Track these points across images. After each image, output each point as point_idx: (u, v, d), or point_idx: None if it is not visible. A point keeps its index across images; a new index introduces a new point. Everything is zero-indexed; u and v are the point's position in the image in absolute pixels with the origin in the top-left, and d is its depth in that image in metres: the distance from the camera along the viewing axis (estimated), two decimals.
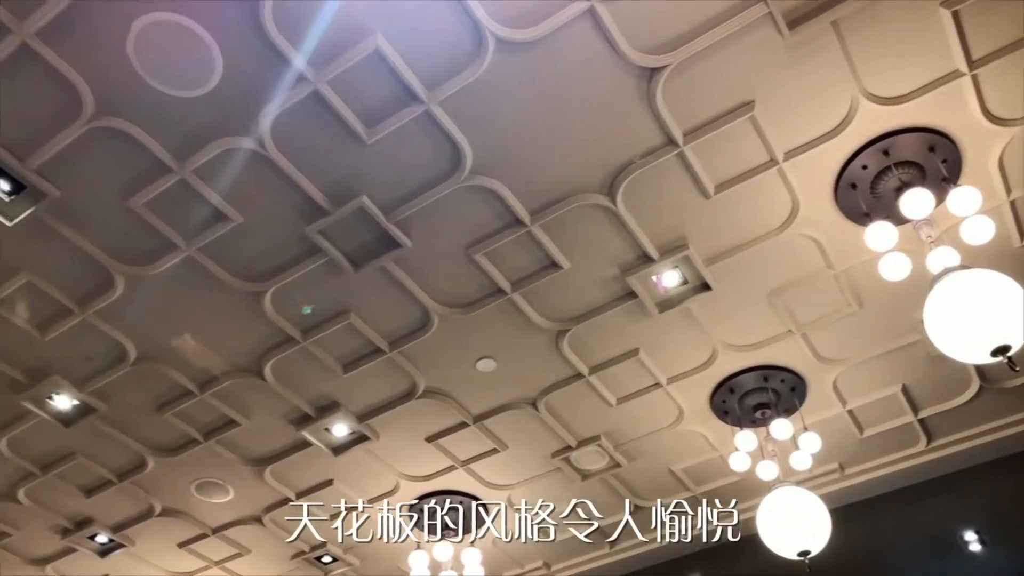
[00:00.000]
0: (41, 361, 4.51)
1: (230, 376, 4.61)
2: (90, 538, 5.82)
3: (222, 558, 6.12)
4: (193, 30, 3.16)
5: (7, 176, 3.59)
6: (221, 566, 6.19)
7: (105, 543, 5.87)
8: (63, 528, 5.76)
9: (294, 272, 4.05)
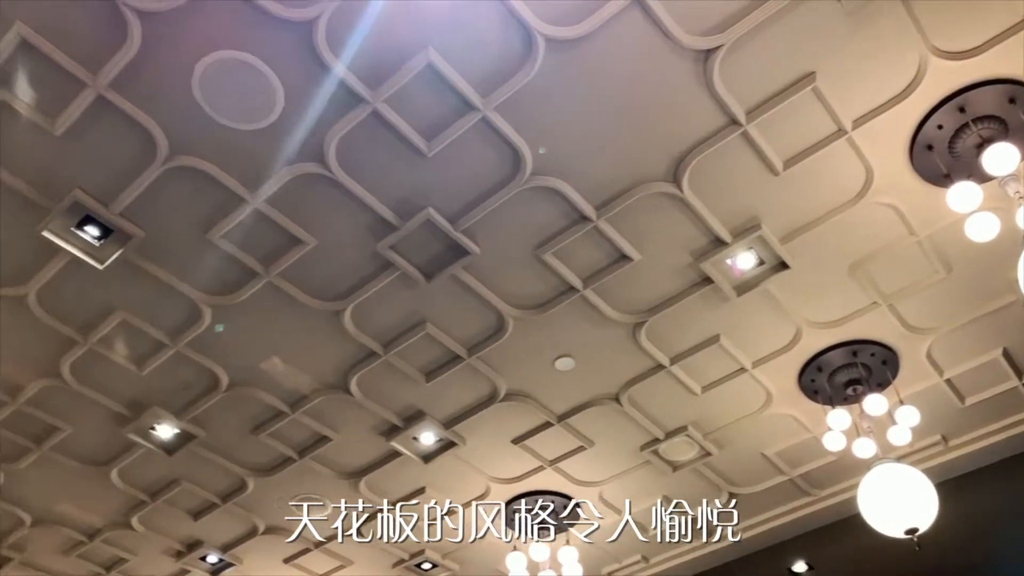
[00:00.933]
0: (141, 394, 4.74)
1: (319, 394, 4.75)
2: (201, 559, 6.07)
3: (326, 571, 6.29)
4: (253, 64, 3.27)
5: (95, 222, 3.78)
6: None
7: (216, 563, 6.12)
8: (176, 551, 6.03)
9: (370, 288, 4.14)
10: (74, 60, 3.24)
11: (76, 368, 4.55)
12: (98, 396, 4.73)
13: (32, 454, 5.11)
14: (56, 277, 4.06)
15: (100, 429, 4.95)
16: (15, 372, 4.59)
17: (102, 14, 3.11)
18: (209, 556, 6.05)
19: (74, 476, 5.32)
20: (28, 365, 4.55)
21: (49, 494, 5.45)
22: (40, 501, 5.51)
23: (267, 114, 3.43)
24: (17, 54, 3.22)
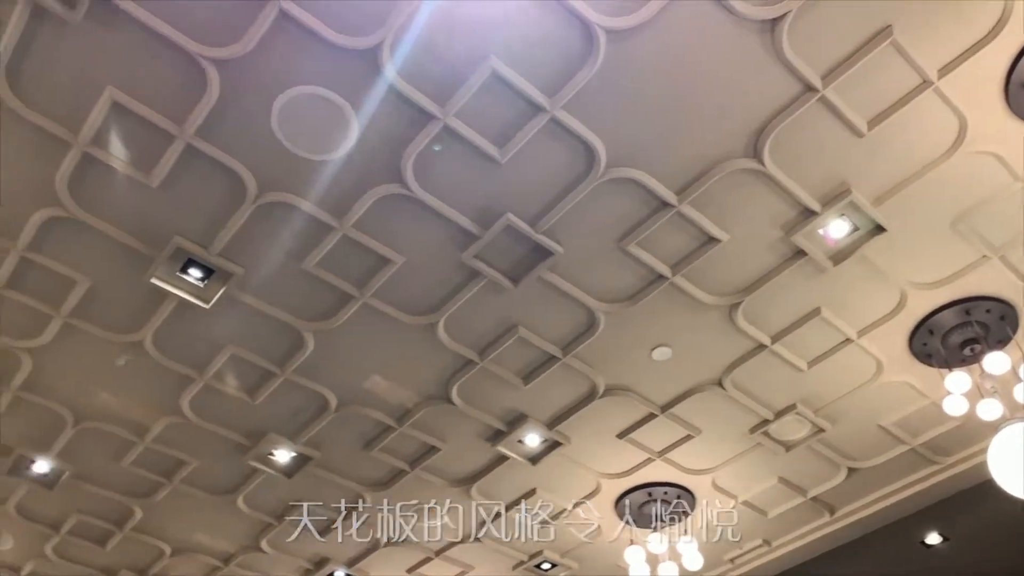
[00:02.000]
0: (257, 422, 4.96)
1: (422, 406, 4.85)
2: (330, 575, 6.29)
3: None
4: (325, 96, 3.38)
5: (197, 265, 3.99)
6: None
7: None
8: (305, 569, 6.28)
9: (460, 298, 4.21)
10: (161, 114, 3.43)
11: (195, 404, 4.81)
12: (218, 428, 4.98)
13: (165, 488, 5.42)
14: (167, 320, 4.31)
15: (223, 459, 5.21)
16: (141, 413, 4.89)
17: (182, 67, 3.28)
18: (336, 572, 6.27)
19: (204, 506, 5.61)
20: (151, 405, 4.83)
21: (184, 524, 5.77)
22: (176, 532, 5.85)
23: (344, 142, 3.54)
24: (110, 116, 3.43)
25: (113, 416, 4.92)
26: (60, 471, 5.26)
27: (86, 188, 3.70)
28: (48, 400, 4.79)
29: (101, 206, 3.77)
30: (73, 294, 4.16)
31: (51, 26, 3.16)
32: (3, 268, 4.02)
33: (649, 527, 5.62)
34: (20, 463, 5.20)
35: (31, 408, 4.84)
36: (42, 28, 3.17)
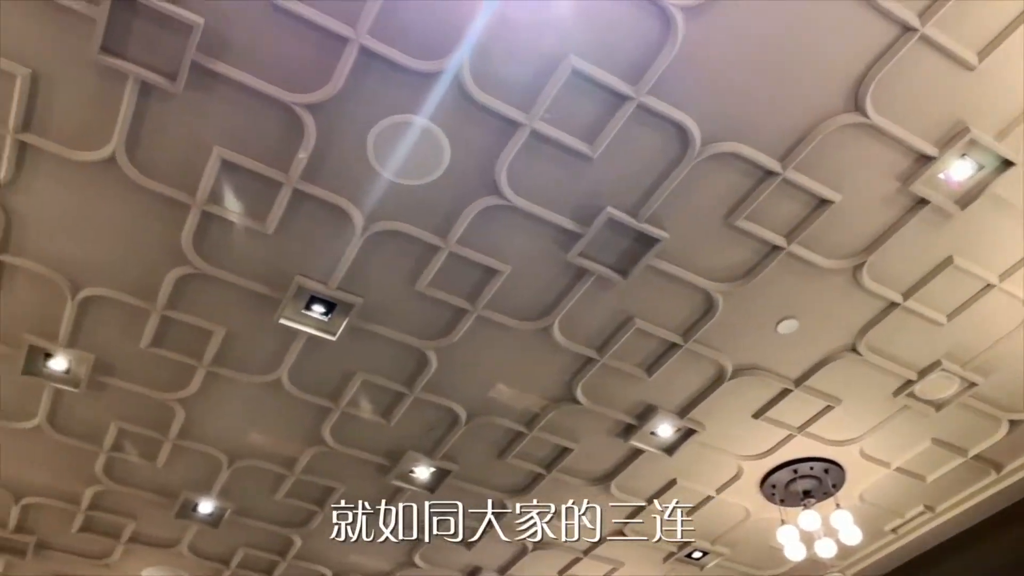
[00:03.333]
0: (394, 443, 5.13)
1: (549, 409, 4.88)
2: None
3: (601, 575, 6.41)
4: (415, 123, 3.47)
5: (320, 301, 4.18)
6: None
7: None
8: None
9: (571, 298, 4.21)
10: (267, 165, 3.62)
11: (335, 432, 5.03)
12: (359, 453, 5.18)
13: (318, 516, 5.69)
14: (300, 356, 4.53)
15: (368, 481, 5.42)
16: (287, 447, 5.16)
17: (279, 117, 3.45)
18: None
19: None
20: (296, 438, 5.09)
21: (339, 548, 6.02)
22: (333, 555, 6.11)
23: (438, 164, 3.62)
24: (221, 174, 3.64)
25: (263, 453, 5.21)
26: (223, 509, 5.62)
27: (209, 243, 3.95)
28: (203, 445, 5.13)
29: (225, 258, 4.01)
30: (212, 343, 4.43)
31: (158, 99, 3.39)
32: (147, 329, 4.34)
33: (799, 505, 5.44)
34: (187, 506, 5.59)
35: (189, 454, 5.20)
36: (150, 103, 3.41)
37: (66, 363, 4.54)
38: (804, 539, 5.42)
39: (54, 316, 4.29)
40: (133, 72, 3.25)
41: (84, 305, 4.24)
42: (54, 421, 4.96)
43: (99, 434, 5.05)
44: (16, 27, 3.16)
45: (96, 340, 4.45)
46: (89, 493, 5.48)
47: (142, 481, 5.43)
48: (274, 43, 3.21)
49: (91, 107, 3.41)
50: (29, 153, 3.58)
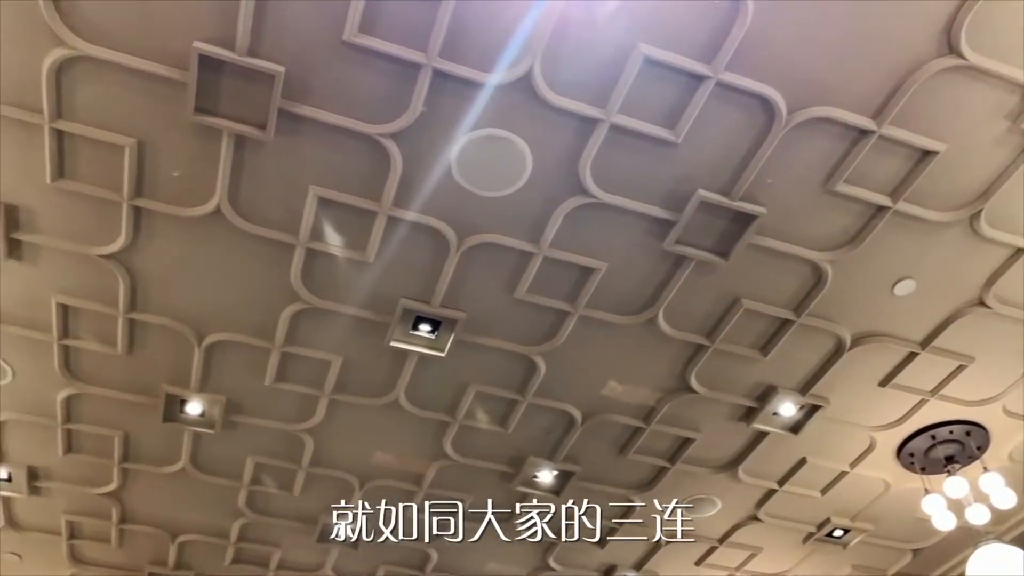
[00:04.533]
0: (514, 450, 5.19)
1: (664, 401, 4.83)
2: None
3: (740, 563, 6.28)
4: (494, 135, 3.51)
5: (425, 320, 4.29)
6: (742, 570, 6.36)
7: None
8: None
9: (672, 287, 4.16)
10: (360, 196, 3.74)
11: (456, 445, 5.15)
12: (482, 463, 5.29)
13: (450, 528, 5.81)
14: (413, 375, 4.66)
15: (494, 490, 5.47)
16: (413, 464, 5.31)
17: (366, 150, 3.57)
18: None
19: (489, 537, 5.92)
20: (420, 454, 5.23)
21: (475, 559, 6.15)
22: (470, 566, 6.24)
23: (522, 172, 3.66)
24: (319, 211, 3.80)
25: (391, 472, 5.38)
26: None
27: (316, 278, 4.12)
28: (334, 470, 5.35)
29: (333, 290, 4.18)
30: (330, 373, 4.62)
31: (251, 149, 3.57)
32: (269, 366, 4.57)
33: (942, 472, 5.17)
34: (326, 530, 5.82)
35: (323, 480, 5.42)
36: (245, 153, 3.59)
37: (200, 407, 4.84)
38: (952, 507, 5.15)
39: (185, 364, 4.57)
40: (226, 127, 3.44)
41: (210, 351, 4.50)
42: (196, 462, 5.28)
43: (238, 470, 5.34)
44: (117, 101, 3.39)
45: (225, 382, 4.71)
46: (236, 526, 5.80)
47: (282, 510, 5.71)
48: (351, 79, 3.32)
49: (193, 165, 3.62)
50: (143, 216, 3.84)
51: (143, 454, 5.24)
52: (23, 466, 5.28)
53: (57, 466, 5.31)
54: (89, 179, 3.67)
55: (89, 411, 4.90)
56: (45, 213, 3.80)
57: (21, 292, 4.17)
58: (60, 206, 3.77)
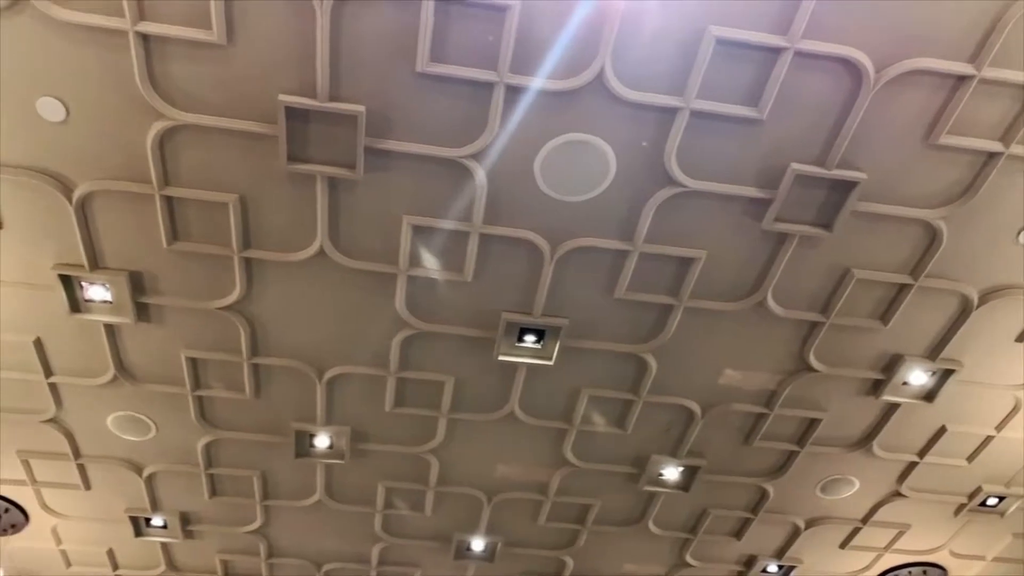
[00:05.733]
0: (636, 450, 5.15)
1: (785, 383, 4.69)
2: (763, 571, 6.23)
3: (888, 542, 6.00)
4: (573, 140, 3.52)
5: (529, 331, 4.33)
6: (892, 549, 6.07)
7: (778, 570, 6.22)
8: (737, 572, 6.29)
9: (778, 266, 4.04)
10: (452, 219, 3.82)
11: (577, 450, 5.15)
12: (604, 466, 5.27)
13: (583, 534, 5.83)
14: (525, 386, 4.70)
15: (620, 492, 5.49)
16: (536, 473, 5.34)
17: (449, 173, 3.64)
18: (769, 566, 6.19)
19: (621, 538, 5.92)
20: (542, 463, 5.27)
21: (611, 561, 6.13)
22: (607, 569, 6.22)
23: (607, 171, 3.64)
24: (415, 239, 3.90)
25: (516, 483, 5.44)
26: (494, 543, 5.91)
27: (420, 303, 4.22)
28: (461, 487, 5.45)
29: (437, 313, 4.27)
30: (445, 393, 4.73)
31: (345, 189, 3.71)
32: (387, 393, 4.71)
33: None
34: (461, 546, 5.94)
35: (451, 498, 5.55)
36: (339, 193, 3.73)
37: (328, 440, 5.04)
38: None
39: (309, 400, 4.78)
40: (319, 171, 3.59)
41: (331, 384, 4.69)
42: (331, 493, 5.50)
43: (370, 496, 5.53)
44: (216, 161, 3.59)
45: (348, 413, 4.90)
46: (376, 551, 6.00)
47: (417, 531, 5.87)
48: (429, 108, 3.40)
49: (292, 211, 3.80)
50: (254, 266, 4.04)
51: (281, 490, 5.50)
52: (176, 512, 5.63)
53: (206, 509, 5.64)
54: (201, 238, 3.90)
55: (227, 455, 5.19)
56: (166, 275, 4.06)
57: (153, 351, 4.47)
58: (178, 267, 4.02)
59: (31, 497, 5.50)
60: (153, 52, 3.22)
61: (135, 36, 3.14)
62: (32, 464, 5.23)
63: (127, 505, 5.58)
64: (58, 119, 3.42)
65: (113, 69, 3.26)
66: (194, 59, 3.24)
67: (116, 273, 4.02)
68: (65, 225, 3.81)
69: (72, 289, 4.08)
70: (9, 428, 4.95)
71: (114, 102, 3.37)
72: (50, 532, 5.80)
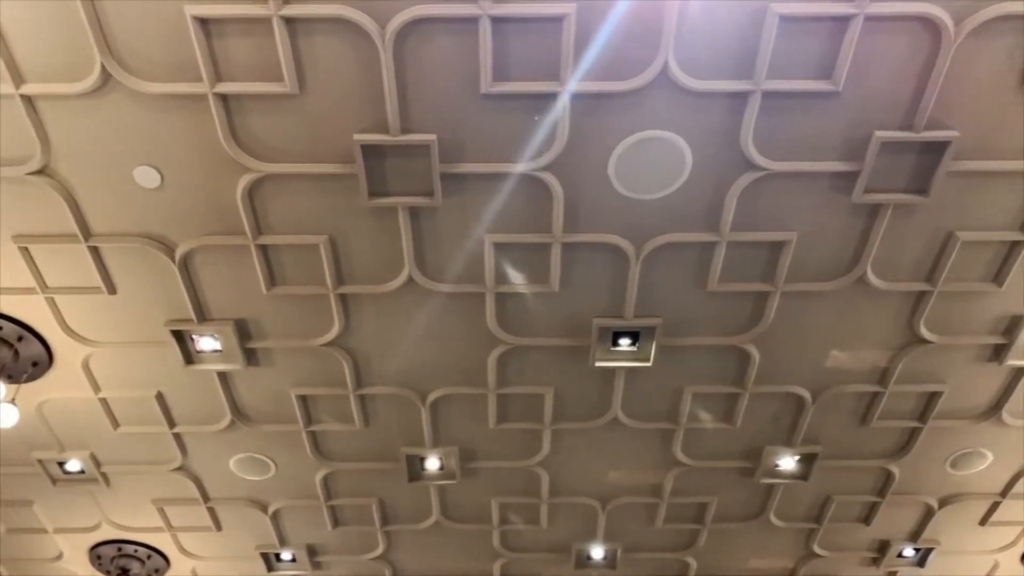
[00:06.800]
0: (747, 443, 5.03)
1: (897, 358, 4.49)
2: (899, 556, 5.95)
3: None
4: (644, 138, 3.49)
5: (623, 334, 4.30)
6: None
7: (914, 554, 5.93)
8: (870, 559, 6.03)
9: (873, 239, 3.88)
10: (532, 232, 3.85)
11: (687, 449, 5.08)
12: (717, 463, 5.16)
13: (703, 533, 5.72)
14: (626, 390, 4.67)
15: (736, 487, 5.36)
16: (648, 476, 5.29)
17: (525, 188, 3.67)
18: (904, 550, 5.91)
19: (743, 534, 5.78)
20: (652, 466, 5.21)
21: (735, 558, 5.99)
22: (732, 566, 6.08)
23: (683, 165, 3.60)
24: (498, 256, 3.95)
25: (628, 488, 5.40)
26: (613, 550, 5.87)
27: (511, 319, 4.26)
28: (574, 496, 5.45)
29: (528, 326, 4.30)
30: (546, 404, 4.74)
31: (426, 217, 3.79)
32: (489, 410, 4.76)
33: None
34: (580, 556, 5.93)
35: (565, 508, 5.54)
36: (421, 221, 3.81)
37: (438, 461, 5.13)
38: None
39: (415, 425, 4.88)
40: (400, 203, 3.68)
41: (434, 407, 4.78)
42: (447, 513, 5.59)
43: (485, 513, 5.59)
44: (302, 206, 3.74)
45: (454, 434, 4.98)
46: (497, 567, 6.05)
47: (535, 544, 5.88)
48: (498, 126, 3.45)
49: (379, 244, 3.90)
50: (349, 301, 4.17)
51: (399, 515, 5.63)
52: (303, 546, 5.84)
53: (330, 540, 5.82)
54: (297, 280, 4.05)
55: (344, 485, 5.35)
56: (268, 320, 4.24)
57: (265, 393, 4.66)
58: (279, 310, 4.19)
59: (169, 542, 5.81)
60: (232, 110, 3.38)
61: (214, 97, 3.31)
62: (167, 511, 5.53)
63: (257, 542, 5.82)
64: (154, 185, 3.64)
65: (198, 131, 3.44)
66: (271, 111, 3.38)
67: (223, 323, 4.22)
68: (171, 283, 4.04)
69: (184, 343, 4.31)
70: (143, 480, 5.25)
71: (202, 162, 3.55)
72: (190, 574, 6.11)
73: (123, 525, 5.64)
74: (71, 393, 4.61)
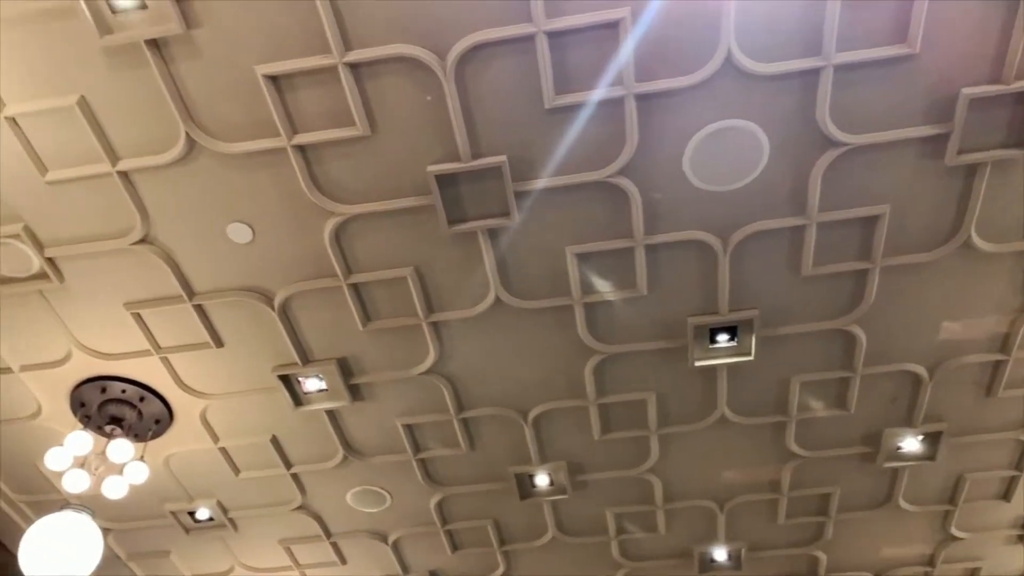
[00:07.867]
0: (864, 428, 4.83)
1: (1018, 322, 4.24)
2: None
3: None
4: (715, 129, 3.43)
5: (720, 330, 4.22)
6: None
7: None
8: (1016, 536, 5.67)
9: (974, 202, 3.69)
10: (613, 239, 3.83)
11: (801, 440, 4.91)
12: (835, 451, 4.97)
13: (828, 524, 5.51)
14: (730, 387, 4.57)
15: (858, 474, 5.15)
16: (763, 472, 5.14)
17: (601, 195, 3.66)
18: None
19: (872, 522, 5.54)
20: (767, 461, 5.06)
21: (866, 548, 5.74)
22: (864, 557, 5.83)
23: (760, 151, 3.52)
24: (580, 266, 3.94)
25: (745, 486, 5.26)
26: (737, 551, 5.72)
27: (603, 327, 4.24)
28: (689, 500, 5.34)
29: (621, 333, 4.27)
30: (649, 410, 4.68)
31: (506, 236, 3.82)
32: (592, 421, 4.74)
33: None
34: (703, 559, 5.80)
35: (682, 513, 5.44)
36: (501, 241, 3.85)
37: (547, 477, 5.13)
38: None
39: (520, 443, 4.90)
40: (479, 227, 3.73)
41: (537, 424, 4.79)
42: (562, 528, 5.58)
43: (601, 525, 5.55)
44: (386, 240, 3.83)
45: (559, 448, 4.97)
46: None
47: (656, 551, 5.80)
48: (566, 138, 3.45)
49: (463, 269, 3.96)
50: (441, 328, 4.24)
51: (516, 533, 5.65)
52: (425, 573, 5.93)
53: (452, 565, 5.89)
54: (390, 314, 4.15)
55: (459, 509, 5.42)
56: (367, 355, 4.35)
57: (373, 426, 4.78)
58: (376, 345, 4.30)
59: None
60: (311, 159, 3.51)
61: (292, 149, 3.45)
62: (294, 550, 5.72)
63: (381, 573, 5.95)
64: (247, 240, 3.80)
65: (282, 183, 3.58)
66: (346, 155, 3.50)
67: (326, 363, 4.36)
68: (273, 331, 4.20)
69: (292, 386, 4.47)
70: (268, 521, 5.46)
71: (289, 211, 3.70)
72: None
73: (254, 567, 5.87)
74: (193, 445, 4.85)
